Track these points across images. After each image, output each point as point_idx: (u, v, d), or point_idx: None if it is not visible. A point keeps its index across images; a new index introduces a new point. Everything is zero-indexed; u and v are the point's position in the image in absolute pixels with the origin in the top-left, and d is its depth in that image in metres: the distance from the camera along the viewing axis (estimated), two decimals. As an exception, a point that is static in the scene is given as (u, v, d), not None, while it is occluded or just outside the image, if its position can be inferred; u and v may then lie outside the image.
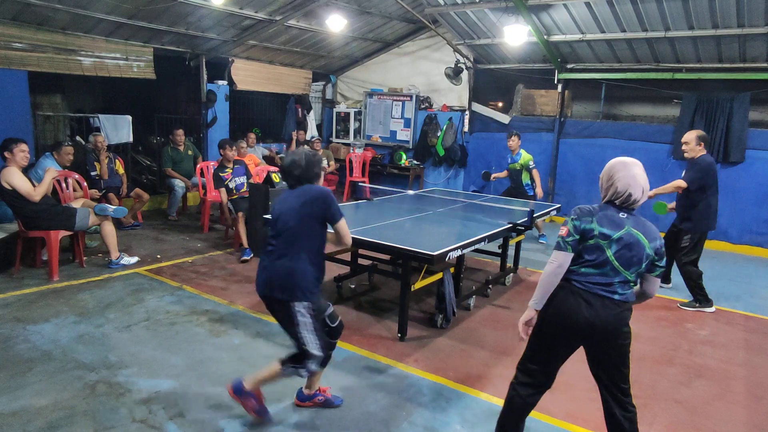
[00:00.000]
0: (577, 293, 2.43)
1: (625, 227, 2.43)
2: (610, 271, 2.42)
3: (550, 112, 9.16)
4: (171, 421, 2.92)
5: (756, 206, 7.57)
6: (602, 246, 2.41)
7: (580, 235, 2.45)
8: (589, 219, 2.46)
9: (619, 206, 2.51)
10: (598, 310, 2.40)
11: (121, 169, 7.16)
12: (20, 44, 6.64)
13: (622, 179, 2.54)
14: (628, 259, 2.41)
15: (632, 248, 2.41)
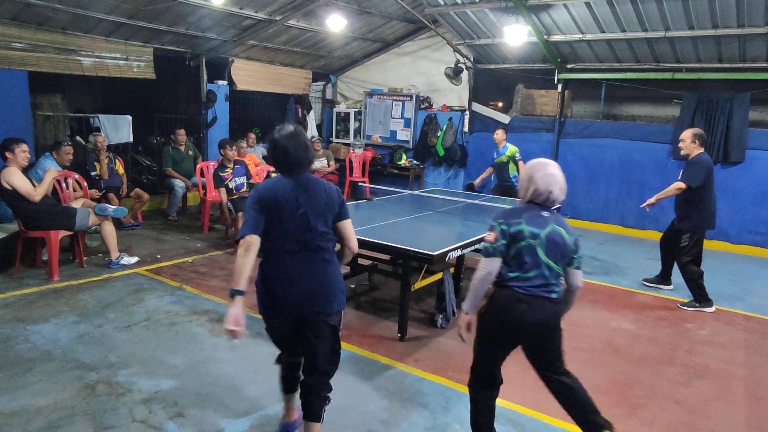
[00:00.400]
0: (519, 298, 2.50)
1: (550, 224, 2.55)
2: (545, 270, 2.52)
3: (550, 112, 9.16)
4: (171, 421, 2.93)
5: (756, 206, 7.57)
6: (533, 245, 2.50)
7: (509, 239, 2.51)
8: (518, 221, 2.53)
9: (541, 205, 2.60)
10: (540, 312, 2.52)
11: (121, 169, 7.16)
12: (20, 44, 6.64)
13: (542, 179, 2.59)
14: (556, 255, 2.53)
15: (558, 244, 2.53)
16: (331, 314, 2.51)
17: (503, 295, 2.54)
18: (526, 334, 2.59)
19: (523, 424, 3.09)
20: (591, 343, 4.26)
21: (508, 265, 2.54)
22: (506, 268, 2.53)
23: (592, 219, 8.85)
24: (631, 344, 4.29)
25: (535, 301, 2.51)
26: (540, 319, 2.54)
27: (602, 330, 4.55)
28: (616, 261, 6.84)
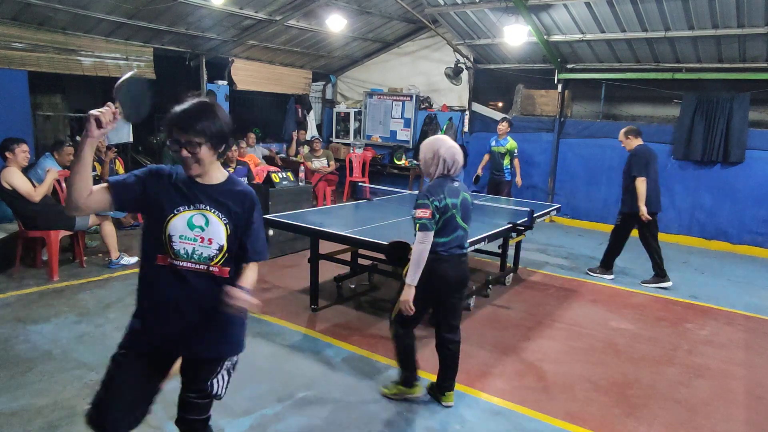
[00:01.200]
0: (444, 260, 2.94)
1: (461, 193, 2.99)
2: (460, 231, 2.99)
3: (550, 112, 9.16)
4: (171, 421, 2.92)
5: (756, 206, 7.57)
6: (454, 214, 2.93)
7: (441, 213, 2.89)
8: (442, 196, 2.89)
9: (450, 176, 2.98)
10: (458, 268, 3.01)
11: (121, 169, 7.16)
12: (20, 44, 6.64)
13: (447, 152, 2.94)
14: (466, 216, 3.03)
15: (468, 208, 3.03)
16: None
17: (430, 259, 2.87)
18: (449, 288, 3.03)
19: (523, 424, 3.09)
20: (591, 343, 4.26)
21: (440, 233, 2.92)
22: (439, 236, 2.92)
23: (592, 219, 8.85)
24: (631, 344, 4.29)
25: (454, 259, 2.97)
26: (459, 273, 3.02)
27: (602, 330, 4.55)
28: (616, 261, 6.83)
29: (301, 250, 6.35)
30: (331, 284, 5.16)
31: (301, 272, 5.53)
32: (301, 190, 6.46)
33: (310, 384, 3.39)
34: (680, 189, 8.09)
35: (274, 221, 4.58)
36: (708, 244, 7.96)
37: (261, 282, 5.29)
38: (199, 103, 1.93)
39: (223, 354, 2.13)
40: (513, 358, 3.94)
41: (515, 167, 7.73)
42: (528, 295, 5.37)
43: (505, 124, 7.71)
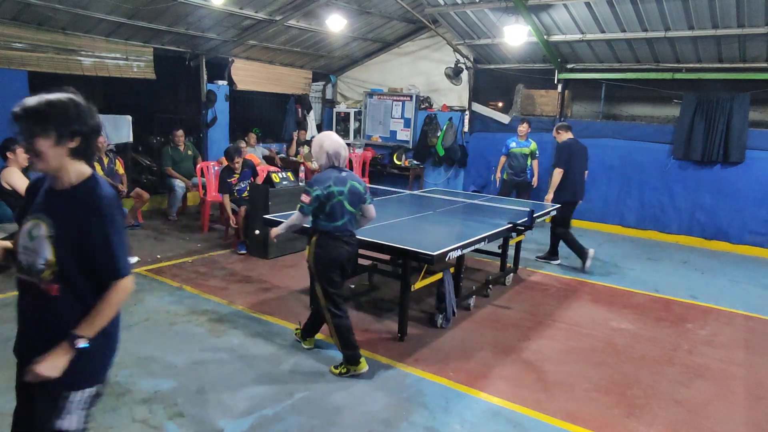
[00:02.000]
0: (337, 238, 3.42)
1: (348, 182, 3.44)
2: (347, 215, 3.43)
3: (550, 112, 9.16)
4: (171, 421, 2.93)
5: (756, 206, 7.57)
6: (341, 200, 3.37)
7: (323, 200, 3.34)
8: (328, 185, 3.35)
9: (337, 167, 3.49)
10: (349, 246, 3.48)
11: (121, 169, 7.16)
12: (20, 44, 6.64)
13: (331, 146, 3.50)
14: (354, 202, 3.46)
15: (354, 193, 3.44)
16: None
17: (327, 239, 3.42)
18: (344, 263, 3.48)
19: (523, 423, 3.09)
20: (591, 343, 4.26)
21: (327, 217, 3.39)
22: (326, 219, 3.40)
23: (592, 219, 8.85)
24: (631, 344, 4.29)
25: (345, 238, 3.45)
26: (350, 250, 3.49)
27: (602, 330, 4.55)
28: (616, 261, 6.84)
29: (301, 250, 6.35)
30: (331, 284, 5.16)
31: (301, 272, 5.53)
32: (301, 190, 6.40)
33: (310, 384, 3.39)
34: (680, 189, 8.09)
35: (274, 221, 4.58)
36: (708, 244, 7.96)
37: (261, 282, 5.30)
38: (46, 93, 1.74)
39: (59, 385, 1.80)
40: (513, 358, 3.94)
41: (534, 169, 8.05)
42: (528, 295, 5.37)
43: (526, 125, 7.91)
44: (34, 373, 1.70)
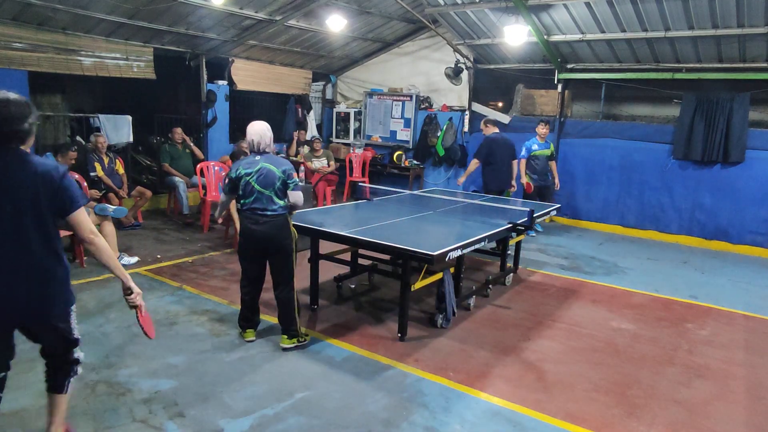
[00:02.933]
0: (247, 217, 3.72)
1: (260, 164, 3.70)
2: (258, 194, 3.67)
3: (550, 112, 9.16)
4: (171, 421, 2.93)
5: (756, 206, 7.57)
6: (249, 180, 3.67)
7: (234, 180, 3.72)
8: (236, 167, 3.74)
9: (256, 152, 3.78)
10: (259, 224, 3.69)
11: (121, 169, 7.16)
12: (20, 44, 6.64)
13: (248, 133, 3.83)
14: (265, 183, 3.67)
15: (266, 175, 3.67)
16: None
17: (241, 217, 3.77)
18: (256, 240, 3.73)
19: (523, 423, 3.09)
20: (591, 343, 4.26)
21: (242, 196, 3.72)
22: (242, 199, 3.72)
23: (592, 219, 8.85)
24: (631, 344, 4.29)
25: (254, 216, 3.69)
26: (261, 229, 3.69)
27: (602, 330, 4.55)
28: (616, 261, 6.84)
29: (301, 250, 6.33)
30: (331, 284, 5.16)
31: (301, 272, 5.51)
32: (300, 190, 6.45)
33: (310, 384, 3.39)
34: (680, 189, 8.09)
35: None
36: (708, 244, 7.96)
37: (261, 282, 5.30)
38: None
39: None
40: (513, 358, 3.94)
41: (554, 170, 8.01)
42: (528, 295, 5.37)
43: (545, 126, 7.80)
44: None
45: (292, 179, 3.74)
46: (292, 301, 3.86)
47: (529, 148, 7.78)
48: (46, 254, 2.28)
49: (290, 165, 3.81)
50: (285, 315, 3.88)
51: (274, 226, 3.71)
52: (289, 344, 3.87)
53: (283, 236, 3.76)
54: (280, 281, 3.85)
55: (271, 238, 3.72)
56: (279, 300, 3.88)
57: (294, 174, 3.78)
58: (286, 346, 3.86)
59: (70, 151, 6.19)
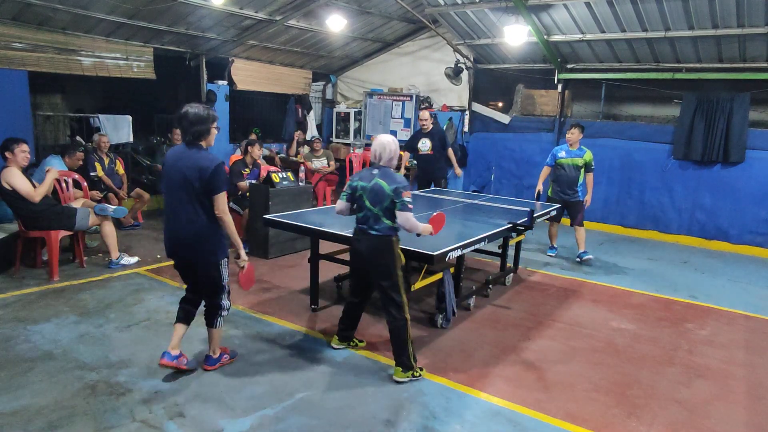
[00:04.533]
0: (355, 231, 3.61)
1: (375, 179, 3.45)
2: (367, 212, 3.47)
3: (550, 112, 9.16)
4: (171, 421, 2.93)
5: (756, 206, 7.56)
6: (361, 195, 3.48)
7: (351, 191, 3.56)
8: (356, 179, 3.57)
9: (374, 165, 3.54)
10: (364, 242, 3.51)
11: (121, 169, 7.16)
12: (20, 44, 6.64)
13: (373, 145, 3.56)
14: (375, 199, 3.43)
15: (377, 192, 3.42)
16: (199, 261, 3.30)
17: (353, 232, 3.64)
18: (360, 258, 3.58)
19: (523, 423, 3.09)
20: (591, 343, 4.26)
21: (356, 209, 3.57)
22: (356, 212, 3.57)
23: (592, 219, 8.85)
24: (631, 344, 4.29)
25: (359, 234, 3.54)
26: (365, 246, 3.51)
27: (602, 330, 4.55)
28: (616, 261, 6.84)
29: (301, 250, 6.35)
30: (331, 284, 5.17)
31: (301, 272, 5.53)
32: (301, 190, 6.46)
33: (310, 384, 3.40)
34: (680, 189, 8.09)
35: (274, 221, 4.58)
36: (708, 244, 7.96)
37: (261, 282, 5.31)
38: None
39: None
40: (513, 358, 3.94)
41: (588, 184, 6.54)
42: (528, 295, 5.37)
43: (576, 131, 6.44)
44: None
45: (399, 198, 3.35)
46: (401, 330, 3.46)
47: (554, 155, 6.62)
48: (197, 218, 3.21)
49: (404, 183, 3.43)
50: (395, 343, 3.50)
51: (377, 247, 3.45)
52: (403, 378, 3.45)
53: (386, 259, 3.45)
54: (387, 305, 3.50)
55: (373, 259, 3.49)
56: (388, 325, 3.54)
57: (405, 193, 3.36)
58: (399, 380, 3.45)
59: (77, 152, 6.22)
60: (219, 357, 3.54)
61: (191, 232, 3.21)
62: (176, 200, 3.21)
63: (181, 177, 3.14)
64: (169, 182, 3.22)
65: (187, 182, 3.13)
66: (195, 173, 3.10)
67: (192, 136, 3.15)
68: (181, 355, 3.39)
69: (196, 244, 3.23)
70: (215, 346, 3.50)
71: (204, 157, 3.14)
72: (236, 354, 3.69)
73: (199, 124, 3.13)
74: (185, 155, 3.18)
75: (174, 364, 3.32)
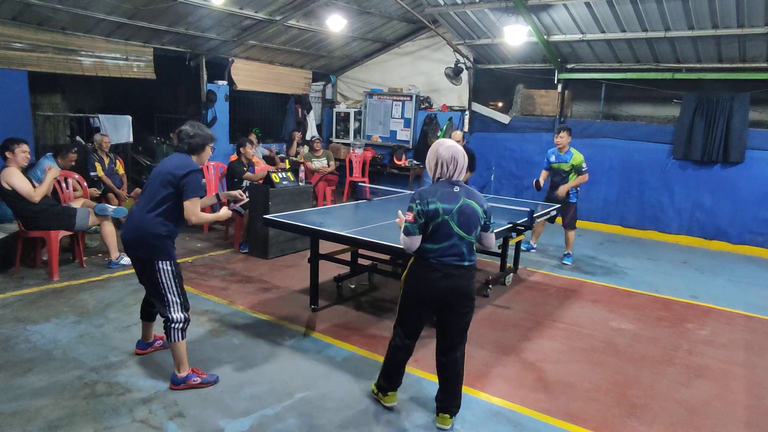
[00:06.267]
0: (433, 267, 2.80)
1: (461, 199, 2.80)
2: (457, 241, 2.79)
3: (550, 112, 9.16)
4: (171, 421, 2.93)
5: (756, 206, 7.57)
6: (447, 220, 2.76)
7: (425, 218, 2.77)
8: (433, 200, 2.77)
9: (450, 180, 2.85)
10: (450, 278, 2.81)
11: (121, 169, 7.16)
12: (20, 44, 6.64)
13: (446, 152, 2.83)
14: (468, 226, 2.81)
15: (469, 216, 2.80)
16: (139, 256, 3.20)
17: (420, 265, 2.86)
18: (439, 298, 2.86)
19: (523, 423, 3.09)
20: (591, 343, 4.26)
21: (426, 239, 2.81)
22: (425, 241, 2.81)
23: (592, 219, 8.85)
24: (631, 344, 4.29)
25: (447, 269, 2.80)
26: (451, 284, 2.82)
27: (602, 330, 4.55)
28: (616, 261, 6.84)
29: (301, 250, 6.35)
30: (331, 284, 5.16)
31: (301, 272, 5.53)
32: (301, 190, 6.46)
33: (310, 384, 3.39)
34: (680, 189, 8.09)
35: (274, 221, 4.58)
36: (708, 244, 7.96)
37: (261, 282, 5.31)
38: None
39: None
40: (513, 358, 3.94)
41: (575, 180, 6.38)
42: (528, 295, 5.37)
43: (564, 135, 6.38)
44: None
45: (492, 220, 2.97)
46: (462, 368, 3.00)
47: (548, 159, 6.60)
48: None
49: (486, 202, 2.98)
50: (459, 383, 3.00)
51: (467, 280, 2.87)
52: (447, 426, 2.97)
53: (473, 292, 2.94)
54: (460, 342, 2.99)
55: (466, 293, 2.87)
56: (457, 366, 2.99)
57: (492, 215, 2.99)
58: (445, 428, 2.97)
59: (70, 153, 6.21)
60: (186, 377, 3.23)
61: (135, 225, 3.19)
62: (141, 195, 3.30)
63: (156, 172, 3.23)
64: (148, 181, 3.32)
65: (157, 176, 3.18)
66: (169, 169, 3.15)
67: (187, 146, 3.23)
68: (155, 341, 3.68)
69: (138, 237, 3.17)
70: (177, 363, 3.22)
71: (184, 160, 3.18)
72: (215, 379, 3.33)
73: (197, 137, 3.22)
74: (171, 157, 3.29)
75: (146, 351, 3.65)
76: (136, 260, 3.26)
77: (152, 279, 3.19)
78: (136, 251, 3.20)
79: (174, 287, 3.20)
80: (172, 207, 3.16)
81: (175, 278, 3.20)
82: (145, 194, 3.23)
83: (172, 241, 3.25)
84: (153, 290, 3.24)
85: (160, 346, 3.68)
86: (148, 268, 3.18)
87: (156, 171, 3.25)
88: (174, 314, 3.18)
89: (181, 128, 3.27)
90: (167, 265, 3.18)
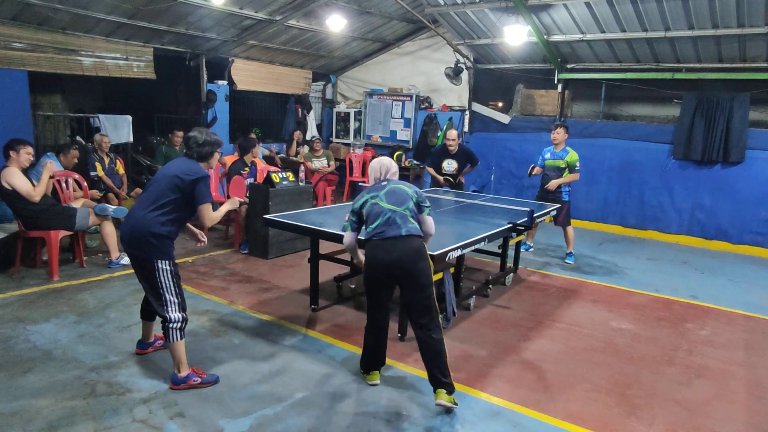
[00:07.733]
0: (376, 245, 3.12)
1: (388, 185, 3.27)
2: (390, 214, 3.12)
3: (550, 112, 9.16)
4: (171, 421, 2.93)
5: (756, 206, 7.57)
6: (374, 201, 3.19)
7: (357, 214, 3.25)
8: (361, 196, 3.27)
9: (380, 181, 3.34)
10: (398, 251, 3.05)
11: (121, 169, 7.16)
12: (20, 44, 6.64)
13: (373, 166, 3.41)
14: (396, 200, 3.18)
15: (397, 192, 3.22)
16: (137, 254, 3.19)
17: (368, 247, 3.18)
18: (391, 273, 3.10)
19: (523, 424, 3.09)
20: (591, 343, 4.26)
21: (366, 225, 3.21)
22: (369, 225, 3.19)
23: (592, 219, 8.85)
24: (631, 344, 4.29)
25: (387, 243, 3.08)
26: (395, 257, 3.06)
27: (602, 330, 4.55)
28: (616, 261, 6.84)
29: (301, 250, 6.35)
30: (331, 284, 5.16)
31: (301, 272, 5.53)
32: (301, 190, 6.47)
33: (310, 384, 3.39)
34: (680, 189, 8.09)
35: (274, 221, 4.58)
36: (708, 244, 7.97)
37: (261, 282, 5.31)
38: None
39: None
40: (513, 358, 3.94)
41: (567, 177, 6.38)
42: (528, 295, 5.37)
43: (561, 131, 6.39)
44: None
45: (425, 203, 3.26)
46: (443, 345, 3.13)
47: (542, 157, 6.65)
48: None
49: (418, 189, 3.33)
50: (439, 363, 3.09)
51: (413, 248, 3.07)
52: (449, 402, 3.04)
53: (423, 264, 3.10)
54: (426, 321, 3.12)
55: (411, 263, 3.04)
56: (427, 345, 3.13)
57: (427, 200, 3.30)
58: (445, 403, 3.04)
59: (72, 150, 6.21)
60: (186, 377, 3.24)
61: (135, 223, 3.18)
62: (143, 195, 3.29)
63: (162, 175, 3.25)
64: (152, 181, 3.32)
65: (164, 177, 3.21)
66: (177, 173, 3.17)
67: (197, 154, 3.29)
68: (155, 341, 3.69)
69: (138, 236, 3.14)
70: (177, 363, 3.25)
71: (193, 166, 3.24)
72: (215, 379, 3.34)
73: (206, 146, 3.29)
74: (179, 161, 3.33)
75: (147, 351, 3.67)
76: (134, 258, 3.24)
77: (150, 278, 3.19)
78: (135, 249, 3.19)
79: (172, 287, 3.20)
80: (176, 209, 3.18)
81: (173, 278, 3.21)
82: (148, 194, 3.22)
83: (172, 242, 3.25)
84: (151, 289, 3.24)
85: (161, 346, 3.68)
86: (146, 267, 3.19)
87: (162, 172, 3.26)
88: (171, 314, 3.19)
89: (189, 135, 3.31)
90: (166, 264, 3.18)
